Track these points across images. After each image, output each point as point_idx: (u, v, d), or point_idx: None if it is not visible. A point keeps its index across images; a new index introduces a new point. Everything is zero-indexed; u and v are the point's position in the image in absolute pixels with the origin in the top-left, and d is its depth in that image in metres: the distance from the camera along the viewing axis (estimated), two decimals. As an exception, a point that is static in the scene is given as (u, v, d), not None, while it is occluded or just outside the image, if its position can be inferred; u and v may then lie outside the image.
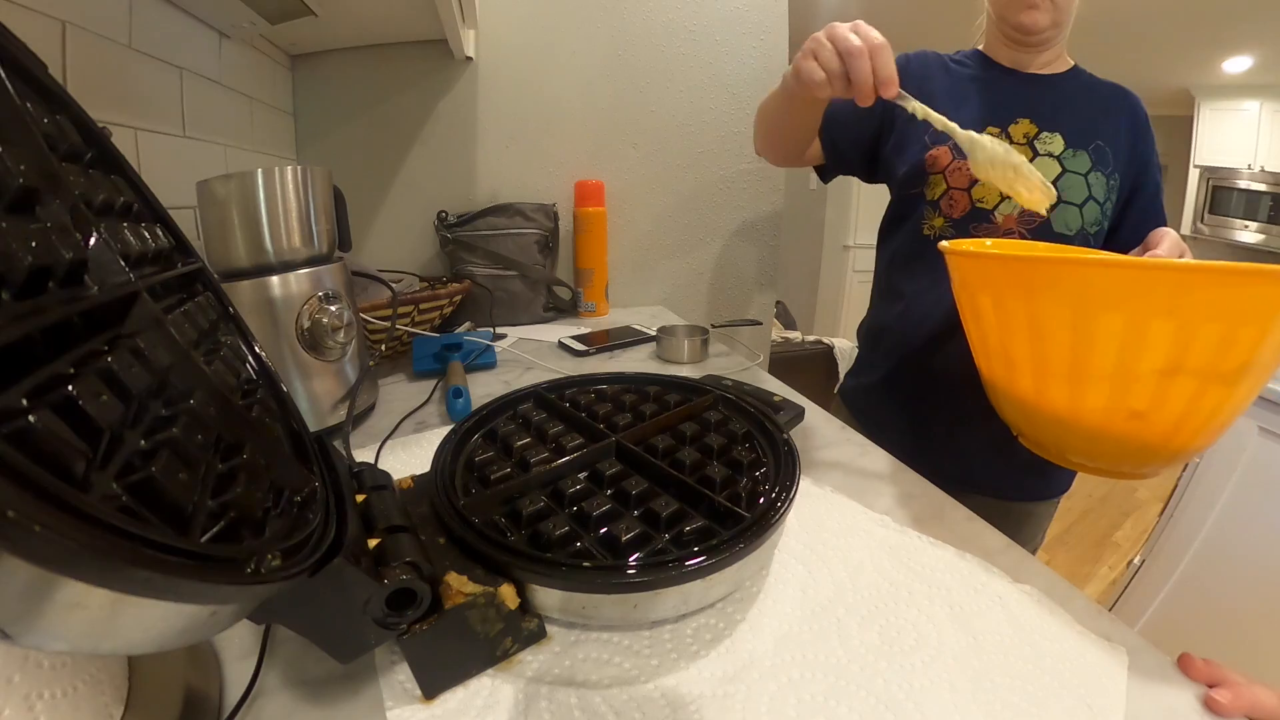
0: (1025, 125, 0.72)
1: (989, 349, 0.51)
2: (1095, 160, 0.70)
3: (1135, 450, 0.44)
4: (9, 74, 0.22)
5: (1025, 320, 0.44)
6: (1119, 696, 0.31)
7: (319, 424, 0.59)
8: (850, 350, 2.07)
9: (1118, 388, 0.41)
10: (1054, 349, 0.43)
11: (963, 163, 0.71)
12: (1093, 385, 0.42)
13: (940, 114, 0.70)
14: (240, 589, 0.20)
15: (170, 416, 0.22)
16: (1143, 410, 0.41)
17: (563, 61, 1.21)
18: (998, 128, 0.72)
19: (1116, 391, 0.41)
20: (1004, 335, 0.47)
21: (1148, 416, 0.41)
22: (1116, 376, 0.40)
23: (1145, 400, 0.40)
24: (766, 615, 0.37)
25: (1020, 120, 0.72)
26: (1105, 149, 0.71)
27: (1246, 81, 2.98)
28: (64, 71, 0.56)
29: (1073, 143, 0.70)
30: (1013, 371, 0.48)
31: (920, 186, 0.75)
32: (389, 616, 0.29)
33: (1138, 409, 0.41)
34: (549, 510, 0.38)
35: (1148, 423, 0.41)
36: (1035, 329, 0.44)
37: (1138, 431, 0.42)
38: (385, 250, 1.20)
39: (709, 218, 1.37)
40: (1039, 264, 0.45)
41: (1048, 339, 0.43)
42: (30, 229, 0.18)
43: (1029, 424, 0.51)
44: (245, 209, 0.55)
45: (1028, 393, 0.48)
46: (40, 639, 0.15)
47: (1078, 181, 0.70)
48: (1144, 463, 0.46)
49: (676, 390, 0.55)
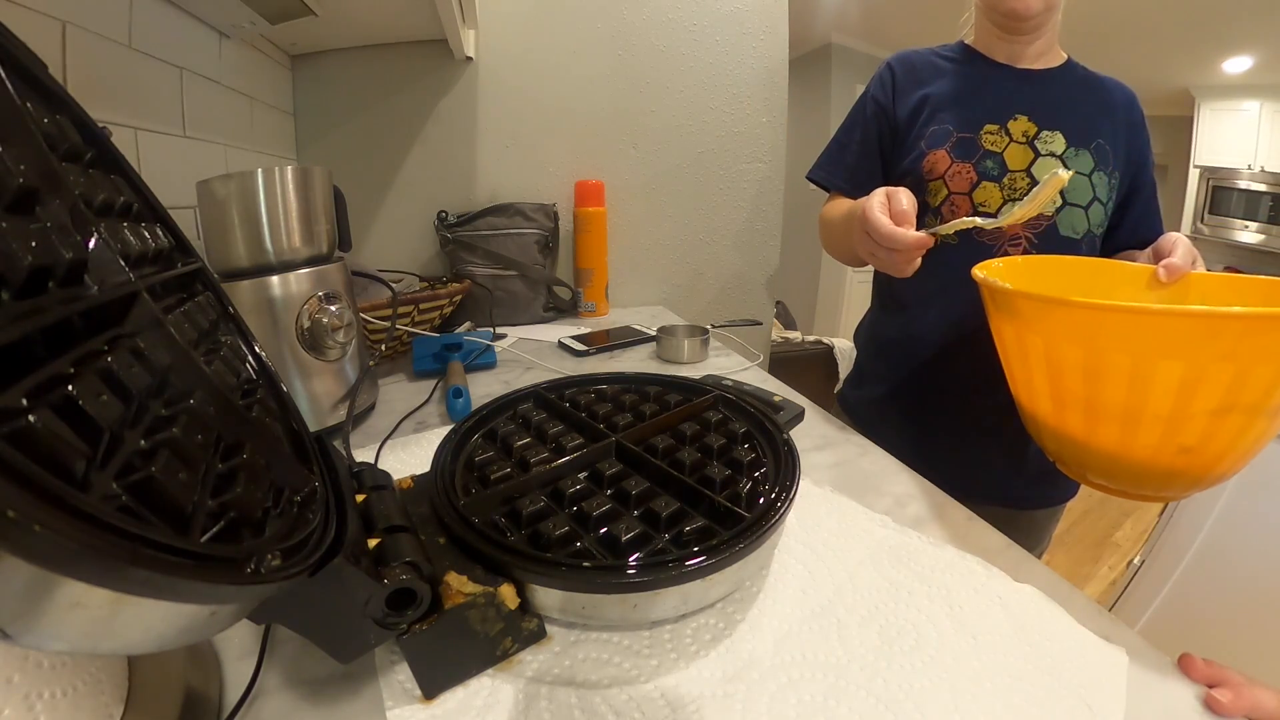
0: (1024, 123, 0.70)
1: (1033, 386, 0.50)
2: (1097, 160, 0.69)
3: (1174, 479, 0.45)
4: (9, 74, 0.22)
5: (1080, 363, 0.44)
6: (1119, 696, 0.31)
7: (319, 424, 0.59)
8: (850, 350, 2.07)
9: (1171, 427, 0.42)
10: (1110, 393, 0.43)
11: (962, 165, 0.69)
12: (1146, 425, 0.43)
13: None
14: (240, 589, 0.20)
15: (170, 416, 0.22)
16: (1192, 446, 0.42)
17: (563, 61, 1.21)
18: (996, 124, 0.70)
19: (1169, 430, 0.42)
20: (1054, 375, 0.47)
21: (1196, 451, 0.42)
22: (1171, 418, 0.41)
23: (1196, 437, 0.41)
24: (766, 615, 0.37)
25: (1019, 117, 0.70)
26: (1106, 147, 0.69)
27: (1246, 81, 2.98)
28: (64, 71, 0.56)
29: (1074, 141, 0.68)
30: (1062, 410, 0.48)
31: (920, 195, 0.72)
32: (389, 616, 0.29)
33: (1187, 445, 0.42)
34: (549, 510, 0.38)
35: (1195, 456, 0.42)
36: (1091, 372, 0.44)
37: (1185, 465, 0.43)
38: (385, 250, 1.20)
39: (709, 218, 1.37)
40: (1105, 313, 0.43)
41: (1104, 383, 0.43)
42: (30, 229, 0.18)
43: (1071, 456, 0.51)
44: (245, 209, 0.55)
45: (1077, 430, 0.47)
46: (40, 639, 0.15)
47: (1082, 183, 0.68)
48: (1176, 488, 0.47)
49: (676, 390, 0.55)
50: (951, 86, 0.73)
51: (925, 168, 0.72)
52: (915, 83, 0.75)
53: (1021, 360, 0.50)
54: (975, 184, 0.69)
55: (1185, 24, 2.44)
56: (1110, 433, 0.45)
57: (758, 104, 1.33)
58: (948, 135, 0.71)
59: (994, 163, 0.69)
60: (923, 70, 0.76)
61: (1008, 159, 0.69)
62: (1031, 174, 0.68)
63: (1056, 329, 0.46)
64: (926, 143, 0.72)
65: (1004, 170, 0.69)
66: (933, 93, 0.73)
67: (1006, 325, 0.51)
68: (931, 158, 0.71)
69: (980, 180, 0.69)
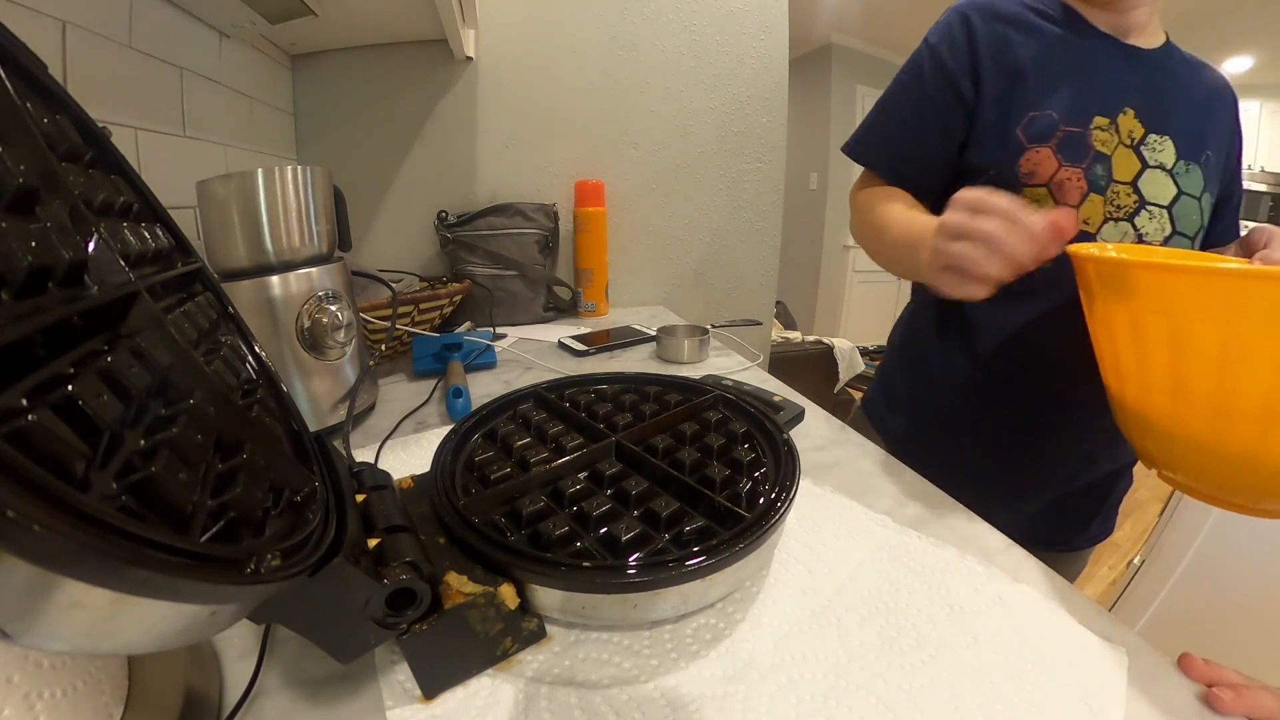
0: (1131, 120, 0.54)
1: (1148, 378, 0.43)
2: (1207, 179, 0.56)
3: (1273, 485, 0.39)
4: (9, 74, 0.22)
5: (1216, 347, 0.37)
6: (1119, 696, 0.31)
7: (319, 424, 0.59)
8: (850, 350, 2.07)
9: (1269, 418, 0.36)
10: (1249, 384, 0.36)
11: (1072, 171, 0.53)
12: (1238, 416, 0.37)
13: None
14: (240, 589, 0.20)
15: (170, 416, 0.22)
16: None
17: (563, 61, 1.21)
18: (1106, 118, 0.54)
19: (1267, 422, 0.36)
20: (1178, 363, 0.40)
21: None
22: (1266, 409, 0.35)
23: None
24: (766, 615, 0.37)
25: (1127, 111, 0.54)
26: (1213, 160, 0.56)
27: (1246, 81, 2.99)
28: (64, 71, 0.56)
29: (1185, 153, 0.55)
30: (1181, 404, 0.41)
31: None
32: (389, 616, 0.29)
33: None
34: (549, 510, 0.38)
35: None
36: (1225, 359, 0.37)
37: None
38: (385, 250, 1.20)
39: (709, 218, 1.37)
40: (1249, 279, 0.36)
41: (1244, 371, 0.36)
42: (30, 229, 0.18)
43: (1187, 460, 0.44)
44: (245, 209, 0.55)
45: (1202, 431, 0.40)
46: (40, 639, 0.15)
47: (1192, 207, 0.55)
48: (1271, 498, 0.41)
49: (676, 390, 0.55)
50: (1053, 57, 0.55)
51: (1024, 169, 0.54)
52: (1004, 44, 0.56)
53: (1134, 345, 0.42)
54: (1085, 195, 0.54)
55: (1185, 24, 2.44)
56: (1245, 432, 0.38)
57: (758, 104, 1.33)
58: (1053, 127, 0.53)
59: (1103, 169, 0.53)
60: (1016, 26, 0.56)
61: (1115, 166, 0.54)
62: (1139, 189, 0.54)
63: (1185, 305, 0.38)
64: (1026, 133, 0.54)
65: (1110, 180, 0.54)
66: (1030, 62, 0.54)
67: (1116, 307, 0.43)
68: (1034, 156, 0.53)
69: (1090, 191, 0.54)
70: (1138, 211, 0.55)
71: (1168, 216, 0.55)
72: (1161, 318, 0.40)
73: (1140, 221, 0.55)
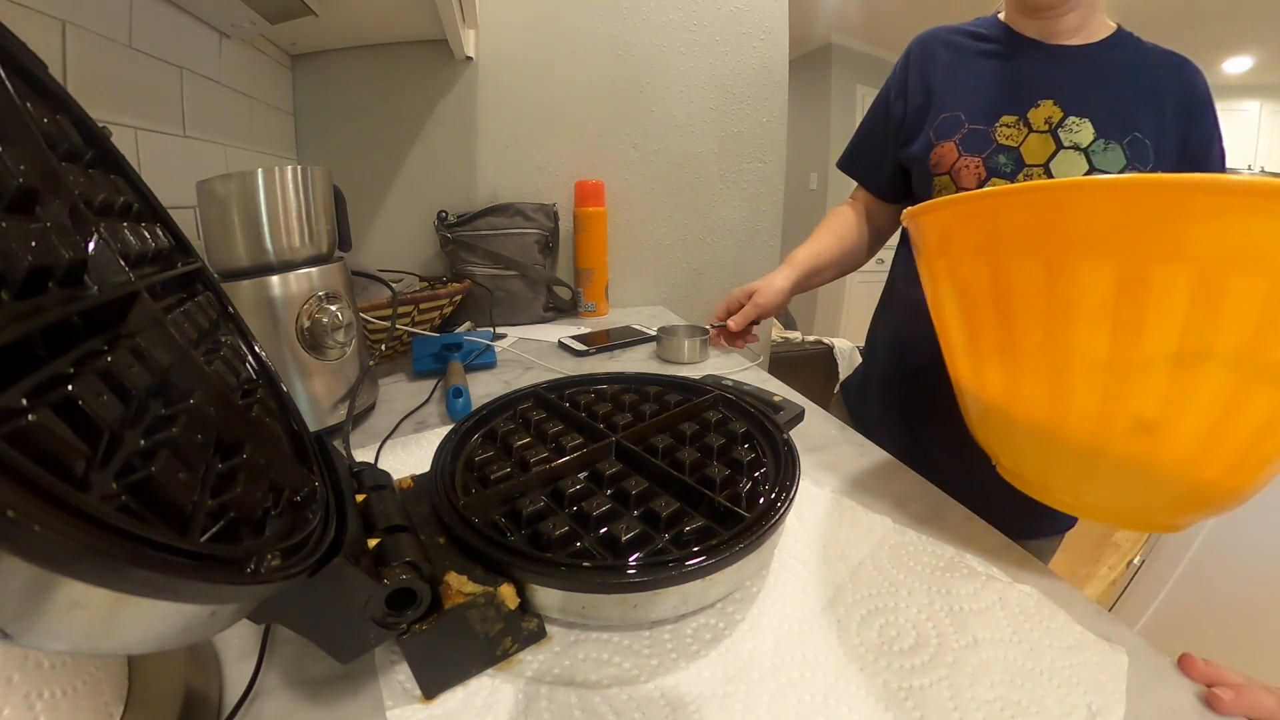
0: (1048, 108, 0.61)
1: (949, 340, 0.40)
2: (1131, 156, 0.59)
3: (1145, 484, 0.32)
4: (9, 74, 0.22)
5: (989, 286, 0.33)
6: (1119, 697, 0.31)
7: (319, 424, 0.59)
8: (850, 350, 2.07)
9: (1114, 381, 0.30)
10: (1024, 325, 0.32)
11: (971, 159, 0.63)
12: (1079, 378, 0.31)
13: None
14: (240, 589, 0.20)
15: (170, 416, 0.22)
16: (1153, 419, 0.29)
17: (563, 61, 1.21)
18: (1014, 115, 0.62)
19: (1112, 387, 0.30)
20: (965, 311, 0.36)
21: (1161, 430, 0.29)
22: (1111, 364, 0.29)
23: (1155, 402, 0.29)
24: (766, 615, 0.37)
25: (1042, 103, 0.61)
26: (1145, 142, 0.59)
27: (1246, 81, 2.99)
28: (64, 71, 0.56)
29: (1105, 132, 0.59)
30: (978, 362, 0.37)
31: (927, 190, 0.67)
32: (389, 616, 0.29)
33: (1145, 417, 0.29)
34: (549, 510, 0.38)
35: (1162, 441, 0.30)
36: (1001, 296, 0.32)
37: (1151, 456, 0.31)
38: (385, 250, 1.20)
39: (709, 218, 1.37)
40: (1004, 198, 0.32)
41: (1015, 307, 0.32)
42: (30, 229, 0.18)
43: (1002, 440, 0.40)
44: (245, 209, 0.55)
45: (995, 392, 0.36)
46: (40, 639, 0.15)
47: None
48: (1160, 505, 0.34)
49: (676, 390, 0.55)
50: (970, 69, 0.66)
51: (932, 160, 0.66)
52: (930, 65, 0.69)
53: (936, 308, 0.40)
54: (984, 180, 0.63)
55: (1185, 24, 2.44)
56: (1036, 392, 0.33)
57: (758, 104, 1.33)
58: (958, 125, 0.65)
59: (1008, 158, 0.62)
60: (941, 51, 0.69)
61: (1025, 153, 0.62)
62: (1050, 170, 0.61)
63: (955, 239, 0.35)
64: (935, 133, 0.66)
65: (1019, 165, 0.62)
66: (946, 77, 0.67)
67: (923, 268, 0.41)
68: (939, 150, 0.65)
69: (990, 176, 0.63)
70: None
71: None
72: (941, 262, 0.37)
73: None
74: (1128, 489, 0.34)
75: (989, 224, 0.34)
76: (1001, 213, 0.33)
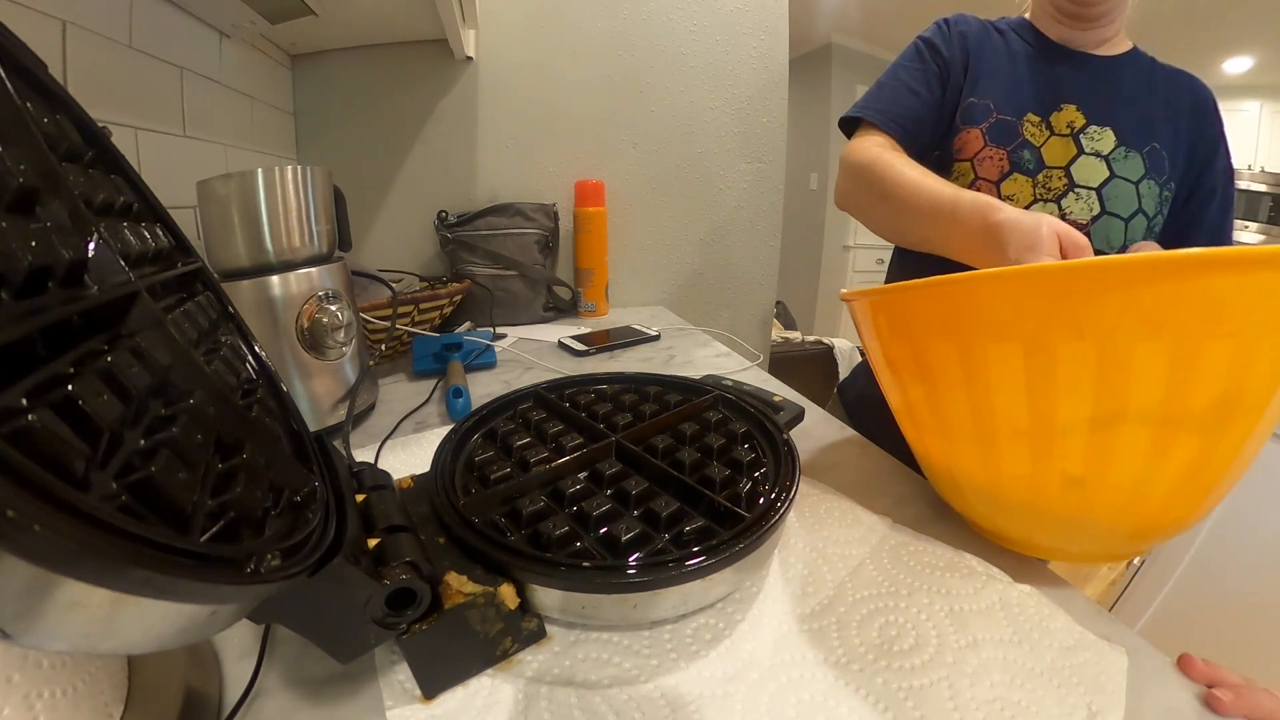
0: (1071, 113, 0.61)
1: (893, 406, 0.44)
2: (1149, 166, 0.60)
3: (1090, 530, 0.36)
4: (9, 74, 0.22)
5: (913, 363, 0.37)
6: (1119, 697, 0.31)
7: (319, 424, 0.59)
8: (850, 350, 2.07)
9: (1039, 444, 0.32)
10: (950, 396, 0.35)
11: (996, 151, 0.62)
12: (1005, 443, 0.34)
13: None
14: (240, 589, 0.20)
15: (170, 416, 0.22)
16: (1080, 475, 0.32)
17: (563, 61, 1.21)
18: (1038, 116, 0.62)
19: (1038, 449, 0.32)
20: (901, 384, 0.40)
21: (1089, 483, 0.32)
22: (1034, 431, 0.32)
23: (1079, 459, 0.31)
24: (766, 615, 0.37)
25: (1065, 107, 0.61)
26: (1162, 153, 0.61)
27: (1246, 82, 2.99)
28: (64, 71, 0.56)
29: (1125, 140, 0.60)
30: (919, 430, 0.41)
31: (944, 175, 0.64)
32: (389, 616, 0.29)
33: (1073, 473, 0.32)
34: (549, 510, 0.38)
35: (1092, 491, 0.32)
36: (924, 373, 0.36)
37: (1087, 504, 0.33)
38: (385, 250, 1.20)
39: (709, 218, 1.37)
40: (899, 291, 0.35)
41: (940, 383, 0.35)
42: (30, 229, 0.18)
43: (954, 497, 0.43)
44: (245, 209, 0.55)
45: (938, 457, 0.39)
46: (40, 639, 0.15)
47: (1127, 190, 0.60)
48: (1113, 544, 0.38)
49: (676, 390, 0.55)
50: (999, 61, 0.65)
51: (955, 145, 0.64)
52: (966, 45, 0.66)
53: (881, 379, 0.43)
54: (1006, 173, 0.62)
55: (1185, 24, 2.44)
56: (971, 459, 0.36)
57: (758, 104, 1.33)
58: (987, 113, 0.63)
59: (1031, 155, 0.62)
60: (974, 35, 0.67)
61: (1045, 154, 0.62)
62: (1070, 173, 0.61)
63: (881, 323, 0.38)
64: (962, 116, 0.64)
65: (1040, 165, 0.62)
66: (979, 59, 0.65)
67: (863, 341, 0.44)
68: (965, 135, 0.63)
69: (1012, 170, 0.62)
70: (1065, 194, 0.62)
71: (1096, 197, 0.61)
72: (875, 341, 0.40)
73: (1066, 203, 0.62)
74: (1077, 535, 0.37)
75: (905, 310, 0.37)
76: (913, 303, 0.35)
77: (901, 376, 0.39)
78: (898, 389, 0.41)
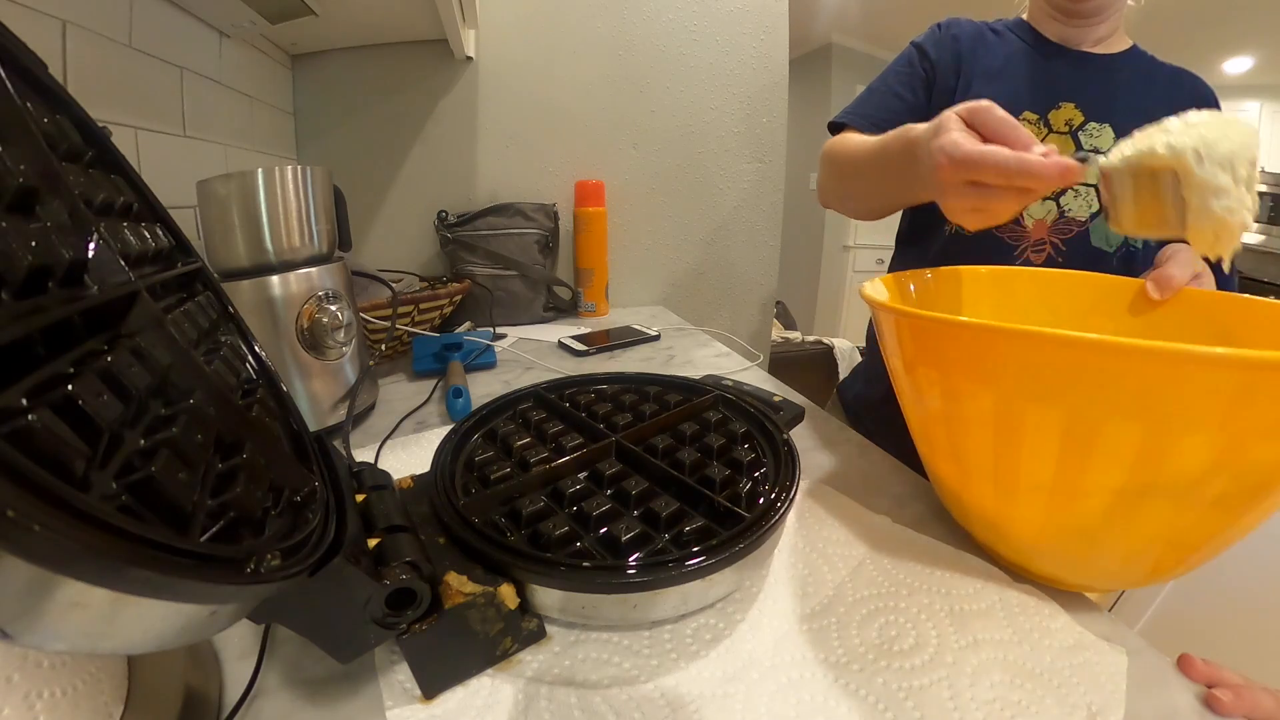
0: (1069, 111, 0.61)
1: (907, 416, 0.42)
2: None
3: (1092, 568, 0.37)
4: (9, 74, 0.22)
5: (941, 393, 0.36)
6: (1119, 697, 0.31)
7: (319, 424, 0.59)
8: (850, 350, 2.07)
9: (1055, 501, 0.33)
10: (976, 440, 0.34)
11: None
12: (1024, 495, 0.34)
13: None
14: (240, 589, 0.20)
15: (170, 416, 0.22)
16: (1094, 531, 0.34)
17: (563, 61, 1.21)
18: (1036, 114, 0.62)
19: (1055, 504, 0.33)
20: (922, 409, 0.39)
21: (1100, 539, 0.34)
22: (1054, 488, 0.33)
23: (1095, 520, 0.33)
24: (766, 615, 0.37)
25: (1063, 105, 0.62)
26: None
27: (1246, 82, 2.99)
28: (64, 71, 0.56)
29: (1123, 137, 0.63)
30: (932, 451, 0.41)
31: None
32: (389, 616, 0.29)
33: (1087, 528, 0.34)
34: (549, 510, 0.38)
35: (1100, 546, 0.34)
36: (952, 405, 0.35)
37: (1086, 555, 0.35)
38: (385, 250, 1.20)
39: (709, 218, 1.37)
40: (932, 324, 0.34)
41: (969, 427, 0.34)
42: (30, 229, 0.18)
43: (960, 514, 0.43)
44: (245, 209, 0.55)
45: (950, 479, 0.39)
46: (40, 638, 0.15)
47: None
48: (1113, 579, 0.40)
49: (676, 390, 0.55)
50: (996, 59, 0.66)
51: None
52: (958, 48, 0.68)
53: (896, 384, 0.42)
54: None
55: (1185, 24, 2.44)
56: (984, 493, 0.37)
57: (758, 104, 1.33)
58: None
59: None
60: (968, 38, 0.68)
61: None
62: None
63: (905, 345, 0.37)
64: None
65: None
66: (974, 60, 0.66)
67: (895, 359, 0.42)
68: None
69: None
70: (1064, 191, 0.62)
71: (1095, 194, 0.61)
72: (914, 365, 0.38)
73: (1065, 200, 0.63)
74: (1078, 571, 0.38)
75: (939, 340, 0.35)
76: (949, 335, 0.34)
77: (923, 396, 0.38)
78: (916, 404, 0.40)
